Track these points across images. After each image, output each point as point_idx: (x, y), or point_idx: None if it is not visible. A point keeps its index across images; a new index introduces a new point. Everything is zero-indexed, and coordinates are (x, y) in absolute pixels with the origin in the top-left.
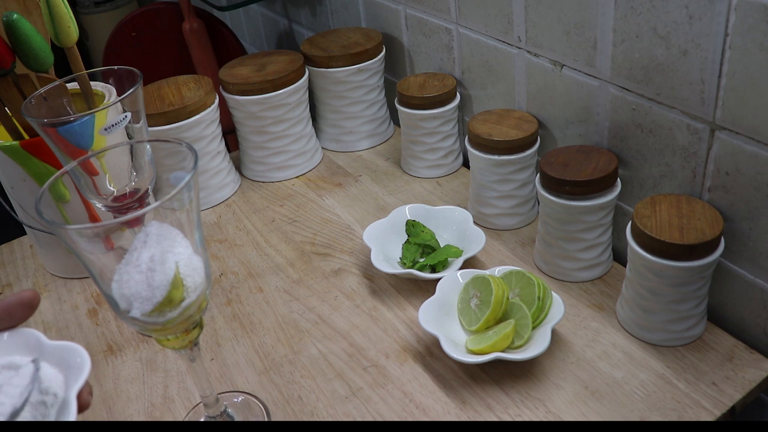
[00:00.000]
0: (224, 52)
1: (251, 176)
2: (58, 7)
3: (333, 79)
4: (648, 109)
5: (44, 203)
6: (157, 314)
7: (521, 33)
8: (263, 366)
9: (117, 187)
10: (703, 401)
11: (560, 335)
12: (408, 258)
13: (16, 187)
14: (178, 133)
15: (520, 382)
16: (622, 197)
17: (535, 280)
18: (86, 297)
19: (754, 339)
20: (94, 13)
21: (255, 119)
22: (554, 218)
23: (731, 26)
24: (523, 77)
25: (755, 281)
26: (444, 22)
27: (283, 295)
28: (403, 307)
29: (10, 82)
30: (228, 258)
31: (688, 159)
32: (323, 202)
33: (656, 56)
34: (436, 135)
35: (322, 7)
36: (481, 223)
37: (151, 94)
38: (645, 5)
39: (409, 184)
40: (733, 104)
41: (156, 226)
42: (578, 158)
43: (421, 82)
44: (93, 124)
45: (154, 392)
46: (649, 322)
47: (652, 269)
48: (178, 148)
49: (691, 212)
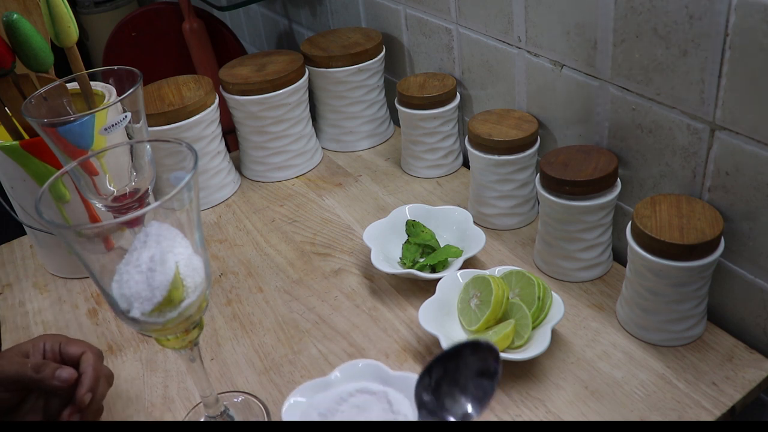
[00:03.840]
0: (224, 52)
1: (251, 176)
2: (58, 7)
3: (333, 79)
4: (648, 109)
5: (44, 203)
6: (157, 314)
7: (521, 33)
8: (263, 366)
9: (117, 187)
10: (703, 401)
11: (560, 335)
12: (408, 258)
13: (16, 187)
14: (178, 133)
15: (520, 382)
16: (622, 197)
17: (535, 280)
18: (86, 297)
19: (754, 339)
20: (94, 13)
21: (255, 119)
22: (554, 218)
23: (731, 26)
24: (523, 77)
25: (755, 281)
26: (444, 22)
27: (283, 295)
28: (403, 307)
29: (10, 82)
30: (228, 258)
31: (688, 159)
32: (323, 202)
33: (656, 56)
34: (436, 135)
35: (322, 7)
36: (481, 223)
37: (151, 94)
38: (645, 5)
39: (409, 184)
40: (733, 104)
41: (156, 226)
42: (578, 158)
43: (421, 82)
44: (93, 124)
45: (154, 392)
46: (649, 322)
47: (652, 269)
48: (178, 148)
49: (691, 212)
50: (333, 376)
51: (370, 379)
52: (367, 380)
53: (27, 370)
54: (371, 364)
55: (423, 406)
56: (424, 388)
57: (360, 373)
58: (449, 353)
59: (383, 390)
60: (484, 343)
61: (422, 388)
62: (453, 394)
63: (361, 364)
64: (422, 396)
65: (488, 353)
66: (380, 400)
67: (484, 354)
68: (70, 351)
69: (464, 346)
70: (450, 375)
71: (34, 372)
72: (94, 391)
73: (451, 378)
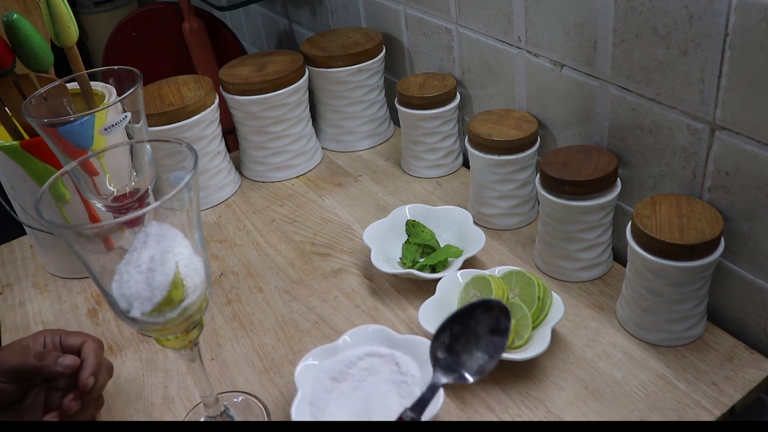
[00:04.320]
0: (224, 52)
1: (251, 176)
2: (58, 7)
3: (333, 79)
4: (648, 109)
5: (44, 203)
6: (157, 314)
7: (521, 33)
8: (263, 366)
9: (117, 187)
10: (703, 401)
11: (560, 335)
12: (408, 258)
13: (16, 187)
14: (178, 133)
15: (520, 382)
16: (622, 197)
17: (535, 280)
18: (86, 297)
19: (754, 339)
20: (94, 13)
21: (255, 119)
22: (554, 218)
23: (731, 26)
24: (523, 77)
25: (755, 281)
26: (444, 22)
27: (283, 295)
28: (403, 307)
29: (10, 82)
30: (228, 258)
31: (688, 159)
32: (323, 202)
33: (656, 56)
34: (436, 135)
35: (322, 7)
36: (481, 223)
37: (151, 94)
38: (645, 5)
39: (409, 184)
40: (733, 104)
41: (156, 227)
42: (578, 158)
43: (421, 82)
44: (93, 124)
45: (154, 392)
46: (649, 322)
47: (652, 269)
48: (178, 148)
49: (691, 212)
50: (342, 340)
51: (377, 343)
52: (375, 344)
53: (30, 358)
54: (379, 329)
55: (438, 363)
56: (439, 346)
57: (369, 337)
58: (462, 312)
59: (390, 353)
60: (495, 302)
61: (437, 347)
62: (467, 350)
63: (371, 329)
64: (437, 354)
65: (500, 312)
66: (388, 362)
67: (495, 313)
68: (70, 341)
69: (476, 306)
70: (464, 333)
71: (37, 360)
72: (96, 376)
73: (465, 336)
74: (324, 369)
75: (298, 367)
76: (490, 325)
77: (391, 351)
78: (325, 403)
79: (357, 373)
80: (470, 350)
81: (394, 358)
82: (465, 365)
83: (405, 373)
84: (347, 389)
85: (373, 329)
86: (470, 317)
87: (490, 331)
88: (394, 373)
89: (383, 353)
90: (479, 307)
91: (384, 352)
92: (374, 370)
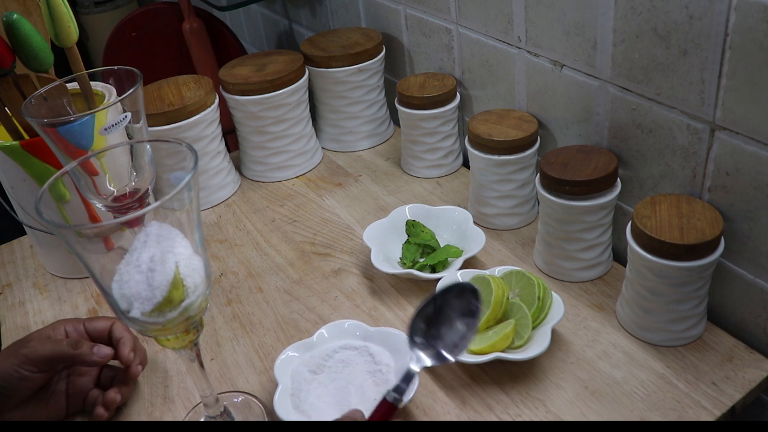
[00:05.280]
0: (224, 52)
1: (251, 176)
2: (58, 7)
3: (333, 79)
4: (648, 109)
5: (44, 203)
6: (157, 314)
7: (521, 33)
8: (263, 366)
9: (117, 187)
10: (703, 401)
11: (560, 335)
12: (408, 258)
13: (16, 187)
14: (178, 133)
15: (520, 382)
16: (622, 197)
17: (535, 280)
18: (86, 297)
19: (754, 339)
20: (94, 13)
21: (255, 119)
22: (554, 218)
23: (731, 26)
24: (523, 77)
25: (755, 281)
26: (444, 22)
27: (283, 295)
28: (403, 307)
29: (10, 82)
30: (228, 258)
31: (688, 159)
32: (323, 202)
33: (656, 56)
34: (436, 135)
35: (322, 7)
36: (481, 223)
37: (151, 94)
38: (645, 5)
39: (409, 184)
40: (733, 104)
41: (156, 226)
42: (578, 158)
43: (421, 82)
44: (93, 124)
45: (154, 392)
46: (649, 322)
47: (652, 269)
48: (178, 148)
49: (691, 212)
50: (318, 335)
51: (352, 336)
52: (350, 338)
53: (64, 347)
54: (354, 324)
55: (415, 345)
56: (415, 331)
57: (344, 331)
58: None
59: (364, 345)
60: (467, 285)
61: (414, 331)
62: (441, 331)
63: (347, 324)
64: (415, 338)
65: (471, 295)
66: (362, 354)
67: (467, 296)
68: (98, 326)
69: (447, 291)
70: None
71: (72, 348)
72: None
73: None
74: (303, 362)
75: (277, 360)
76: (461, 307)
77: (365, 343)
78: (305, 394)
79: (334, 365)
80: (444, 331)
81: (368, 350)
82: (443, 340)
83: (379, 363)
84: (325, 380)
85: (348, 324)
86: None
87: (463, 314)
88: (368, 363)
89: (357, 345)
90: (451, 291)
91: (358, 344)
92: (350, 361)
